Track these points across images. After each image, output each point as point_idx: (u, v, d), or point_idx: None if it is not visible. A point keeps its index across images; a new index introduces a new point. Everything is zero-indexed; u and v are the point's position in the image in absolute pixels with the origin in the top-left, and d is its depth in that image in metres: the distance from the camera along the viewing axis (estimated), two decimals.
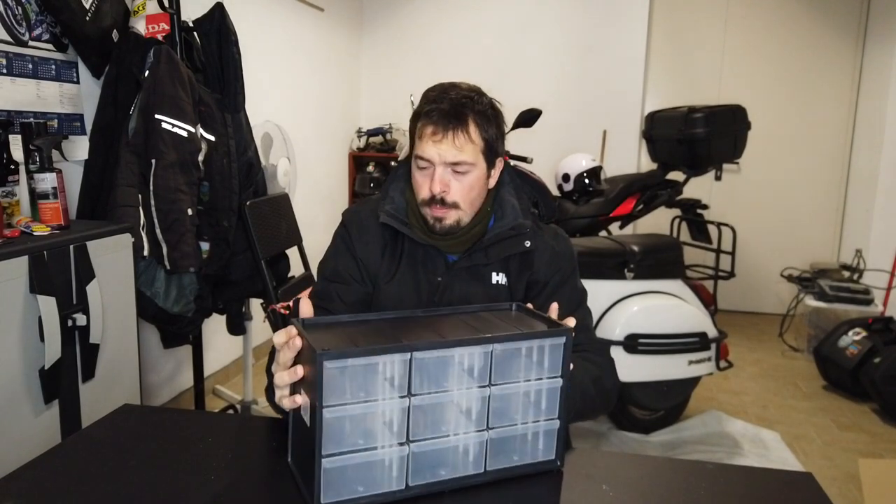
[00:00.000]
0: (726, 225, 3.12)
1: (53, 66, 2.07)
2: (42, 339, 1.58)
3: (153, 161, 2.04)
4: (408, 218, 1.28)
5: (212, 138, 2.25)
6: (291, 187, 2.82)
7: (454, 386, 0.90)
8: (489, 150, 1.22)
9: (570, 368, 0.98)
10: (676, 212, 3.52)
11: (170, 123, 2.06)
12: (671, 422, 2.86)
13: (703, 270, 3.30)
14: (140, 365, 1.99)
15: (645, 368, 2.60)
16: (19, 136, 1.81)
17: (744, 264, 4.13)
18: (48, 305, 1.58)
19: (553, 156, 3.88)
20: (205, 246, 2.28)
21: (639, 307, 2.60)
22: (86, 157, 2.16)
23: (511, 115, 3.26)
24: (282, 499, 0.90)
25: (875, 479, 2.18)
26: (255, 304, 2.78)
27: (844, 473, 2.53)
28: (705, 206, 3.43)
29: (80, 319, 1.69)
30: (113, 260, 1.84)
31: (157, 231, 2.06)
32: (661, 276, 2.71)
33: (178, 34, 2.24)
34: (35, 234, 1.68)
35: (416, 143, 1.21)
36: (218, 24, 2.32)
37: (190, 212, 2.11)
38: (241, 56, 2.40)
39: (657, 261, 2.70)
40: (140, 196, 2.05)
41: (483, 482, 0.93)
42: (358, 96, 4.77)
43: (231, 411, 2.80)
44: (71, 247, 1.68)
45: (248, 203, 2.35)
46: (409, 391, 0.87)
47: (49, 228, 1.72)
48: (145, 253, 2.04)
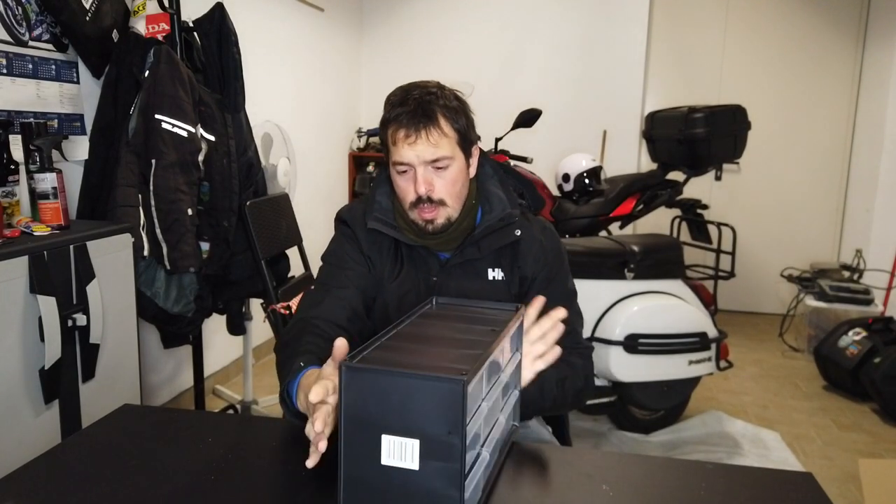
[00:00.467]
0: (726, 225, 3.12)
1: (53, 66, 2.07)
2: (42, 339, 1.58)
3: (153, 161, 2.04)
4: (396, 221, 1.29)
5: (212, 138, 2.25)
6: (291, 187, 2.82)
7: None
8: (463, 140, 1.22)
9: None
10: (676, 212, 3.52)
11: (170, 123, 2.06)
12: (671, 422, 2.86)
13: (703, 270, 3.30)
14: (140, 365, 1.99)
15: (645, 368, 2.60)
16: (19, 136, 1.81)
17: (744, 264, 4.13)
18: (48, 305, 1.58)
19: (553, 156, 3.88)
20: (205, 246, 2.28)
21: (639, 307, 2.60)
22: (86, 157, 2.16)
23: (511, 115, 3.29)
24: (282, 498, 0.90)
25: (875, 479, 2.18)
26: (255, 304, 2.78)
27: (844, 473, 2.53)
28: (705, 206, 3.43)
29: (80, 319, 1.69)
30: (113, 260, 1.84)
31: (157, 231, 2.06)
32: (661, 276, 2.71)
33: (178, 34, 2.24)
34: (35, 234, 1.68)
35: (391, 150, 1.21)
36: (218, 24, 2.32)
37: (190, 212, 2.11)
38: (241, 56, 2.40)
39: (657, 261, 2.70)
40: (140, 196, 2.05)
41: None
42: (358, 96, 4.77)
43: (231, 411, 2.80)
44: (71, 247, 1.68)
45: (248, 203, 2.35)
46: None
47: (49, 228, 1.72)
48: (145, 253, 2.04)
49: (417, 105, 1.17)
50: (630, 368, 2.58)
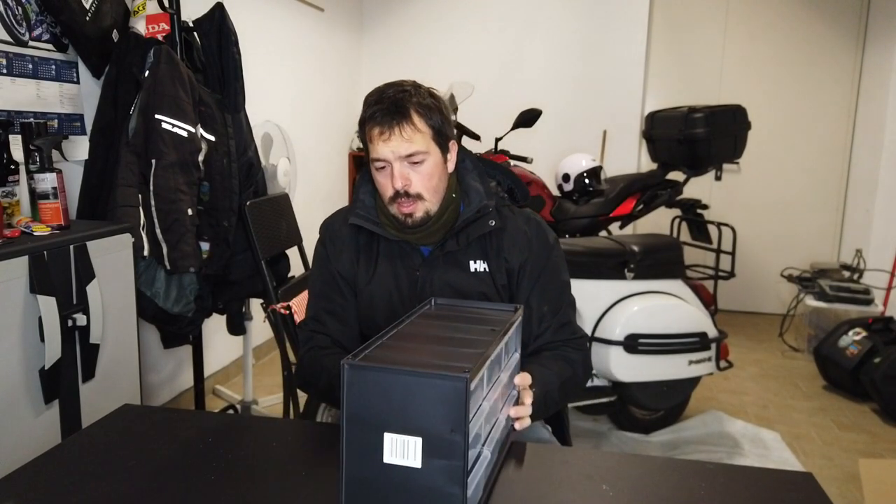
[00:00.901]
0: (726, 225, 3.12)
1: (53, 66, 2.07)
2: (42, 339, 1.58)
3: (153, 161, 2.04)
4: (378, 218, 1.32)
5: (212, 138, 2.25)
6: (291, 187, 2.82)
7: None
8: (438, 135, 1.25)
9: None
10: (676, 212, 3.52)
11: (170, 123, 2.06)
12: (671, 422, 2.86)
13: (703, 270, 3.30)
14: (140, 365, 1.99)
15: (645, 368, 2.60)
16: (19, 136, 1.81)
17: (744, 264, 4.13)
18: (48, 305, 1.58)
19: (553, 156, 3.88)
20: (205, 246, 2.28)
21: (639, 307, 2.60)
22: (86, 157, 2.16)
23: (511, 115, 3.28)
24: (281, 498, 0.90)
25: (875, 479, 2.18)
26: (255, 304, 2.78)
27: (844, 473, 2.53)
28: (705, 206, 3.43)
29: (80, 319, 1.68)
30: (113, 260, 1.84)
31: (157, 231, 2.06)
32: (661, 276, 2.71)
33: (178, 34, 2.24)
34: (35, 234, 1.67)
35: (369, 148, 1.26)
36: (218, 24, 2.32)
37: (190, 212, 2.11)
38: (241, 56, 2.40)
39: (657, 261, 2.70)
40: (140, 196, 2.05)
41: None
42: (358, 96, 4.74)
43: (231, 411, 2.80)
44: (71, 247, 1.68)
45: (248, 203, 2.35)
46: None
47: (49, 228, 1.72)
48: (145, 253, 2.04)
49: (391, 103, 1.21)
50: (630, 368, 2.58)
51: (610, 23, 4.49)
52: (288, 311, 1.90)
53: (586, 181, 3.47)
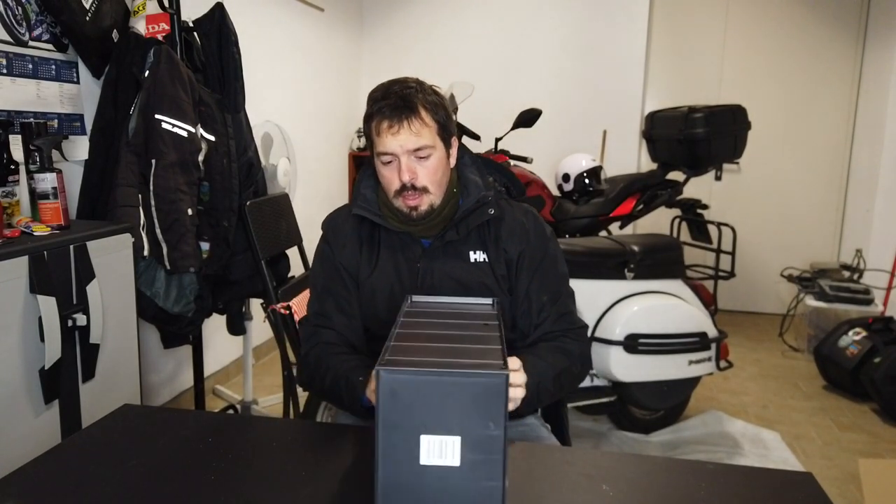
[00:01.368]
0: (726, 225, 3.12)
1: (53, 66, 2.07)
2: (42, 339, 1.58)
3: (153, 161, 2.04)
4: (380, 210, 1.35)
5: (212, 138, 2.25)
6: (291, 187, 2.82)
7: None
8: (443, 130, 1.28)
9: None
10: (676, 212, 3.52)
11: (170, 123, 2.06)
12: (671, 422, 2.86)
13: (703, 270, 3.30)
14: (140, 365, 1.99)
15: (645, 368, 2.60)
16: (19, 136, 1.81)
17: (744, 264, 4.13)
18: (48, 305, 1.58)
19: (553, 156, 3.89)
20: (205, 246, 2.28)
21: (639, 307, 2.60)
22: (86, 157, 2.16)
23: (511, 115, 3.28)
24: (281, 498, 0.90)
25: (875, 479, 2.18)
26: (255, 304, 2.78)
27: (844, 473, 2.53)
28: (705, 206, 3.43)
29: (80, 319, 1.68)
30: (113, 260, 1.84)
31: (157, 231, 2.06)
32: (661, 276, 2.71)
33: (178, 34, 2.24)
34: (35, 234, 1.67)
35: (375, 142, 1.27)
36: (218, 24, 2.32)
37: (190, 212, 2.11)
38: (241, 56, 2.40)
39: (657, 261, 2.70)
40: (140, 196, 2.05)
41: None
42: (358, 96, 4.77)
43: (231, 411, 2.80)
44: (71, 247, 1.68)
45: (248, 203, 2.35)
46: None
47: (49, 228, 1.72)
48: (145, 253, 2.04)
49: (399, 98, 1.23)
50: (630, 368, 2.58)
51: (610, 23, 4.49)
52: (288, 311, 1.90)
53: (586, 181, 3.47)
